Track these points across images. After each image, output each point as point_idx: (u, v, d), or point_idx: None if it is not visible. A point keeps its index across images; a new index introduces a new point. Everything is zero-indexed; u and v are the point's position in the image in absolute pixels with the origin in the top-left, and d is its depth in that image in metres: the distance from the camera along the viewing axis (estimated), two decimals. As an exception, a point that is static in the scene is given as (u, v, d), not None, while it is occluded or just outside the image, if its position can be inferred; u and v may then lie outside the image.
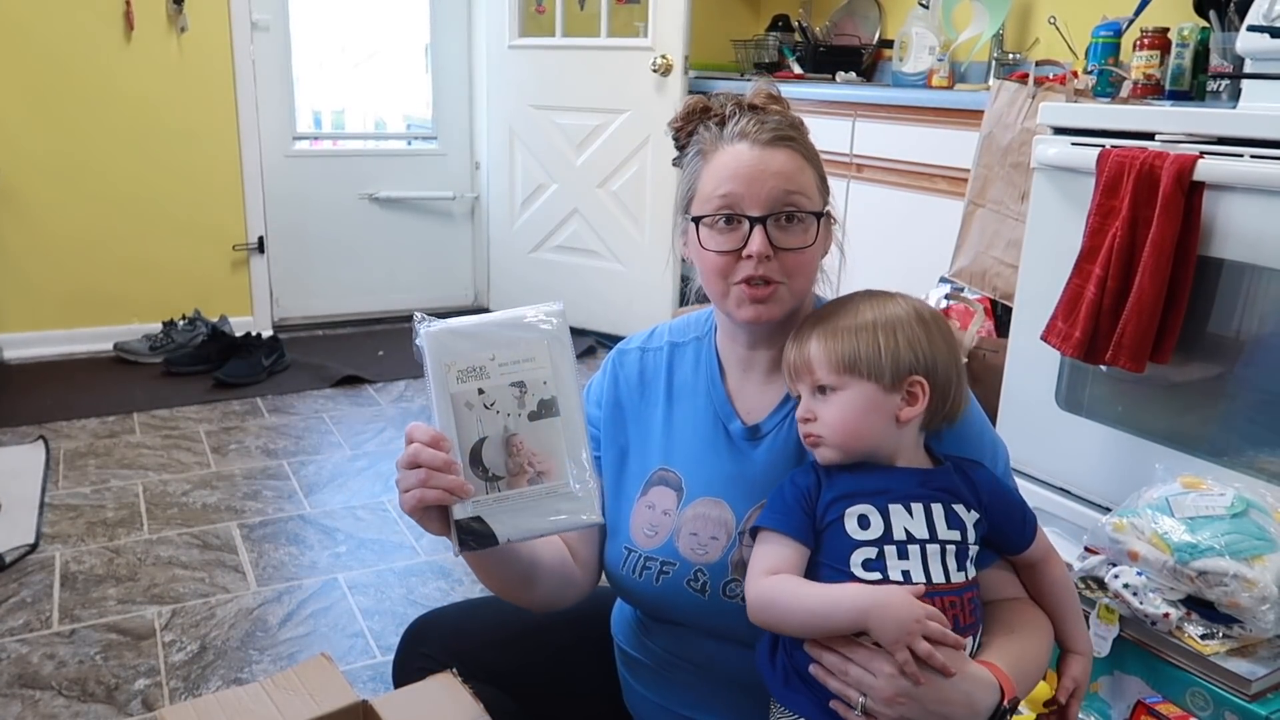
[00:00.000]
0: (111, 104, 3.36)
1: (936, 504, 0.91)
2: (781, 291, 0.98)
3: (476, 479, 0.86)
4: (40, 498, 2.32)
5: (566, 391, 0.89)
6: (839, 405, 0.92)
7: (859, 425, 0.91)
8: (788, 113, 1.02)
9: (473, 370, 0.86)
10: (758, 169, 0.97)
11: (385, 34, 4.17)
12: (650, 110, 3.55)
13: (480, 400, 0.86)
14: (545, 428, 0.87)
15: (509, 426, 0.87)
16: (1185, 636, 1.23)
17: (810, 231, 0.98)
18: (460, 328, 0.88)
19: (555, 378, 0.88)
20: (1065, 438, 1.84)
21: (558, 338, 0.89)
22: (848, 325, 0.93)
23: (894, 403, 0.92)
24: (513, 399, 0.87)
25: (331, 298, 4.03)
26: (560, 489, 0.87)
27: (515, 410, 0.87)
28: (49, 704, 1.60)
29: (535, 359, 0.88)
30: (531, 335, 0.88)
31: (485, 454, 0.86)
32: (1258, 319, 1.56)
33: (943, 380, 0.93)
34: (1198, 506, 1.30)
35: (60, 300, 3.43)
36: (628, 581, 1.05)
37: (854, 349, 0.92)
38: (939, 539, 0.89)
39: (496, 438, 0.87)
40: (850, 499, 0.91)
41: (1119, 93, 2.44)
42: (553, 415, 0.88)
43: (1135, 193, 1.60)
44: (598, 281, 3.85)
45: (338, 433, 2.84)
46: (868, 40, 3.63)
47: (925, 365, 0.92)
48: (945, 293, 2.43)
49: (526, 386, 0.87)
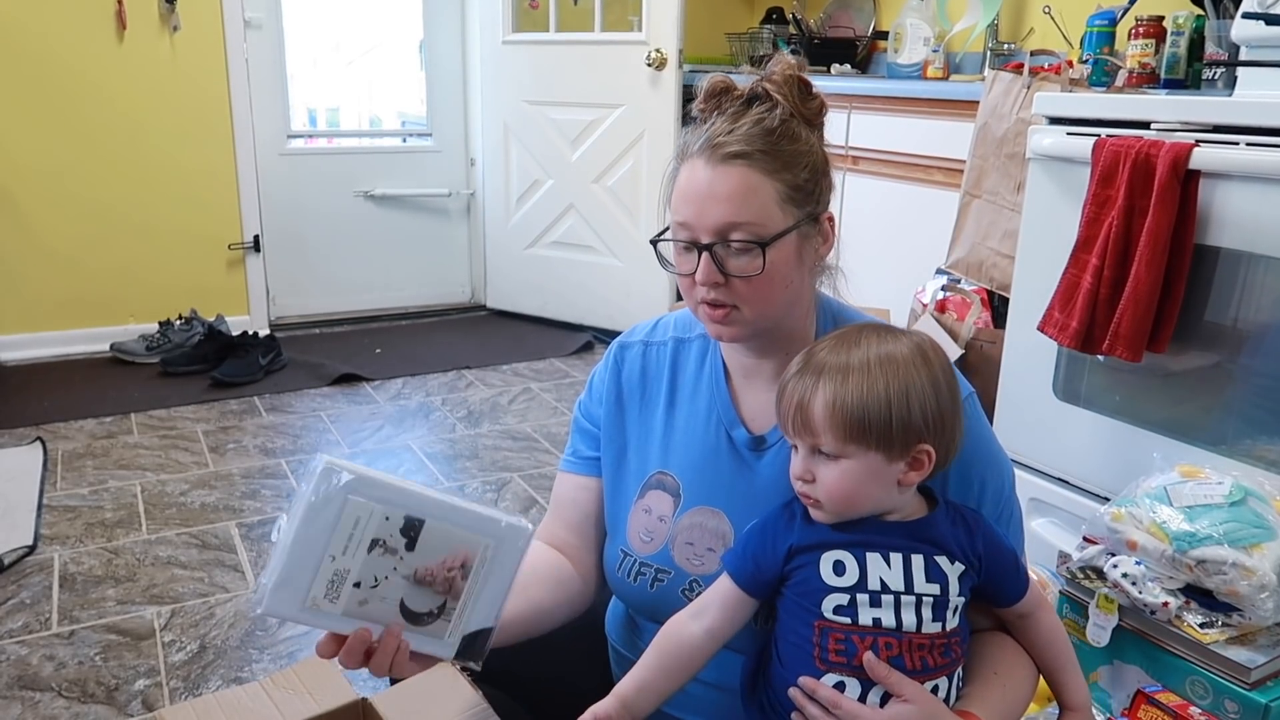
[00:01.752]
0: (104, 104, 3.35)
1: (917, 555, 0.87)
2: (736, 315, 0.94)
3: (431, 625, 0.84)
4: (38, 499, 2.32)
5: (400, 497, 0.81)
6: (840, 473, 0.86)
7: (859, 494, 0.87)
8: (774, 112, 0.94)
9: (330, 585, 0.79)
10: (706, 194, 0.92)
11: (379, 31, 4.16)
12: (645, 105, 3.55)
13: (363, 592, 0.80)
14: (428, 538, 0.82)
15: (405, 574, 0.81)
16: (1184, 625, 1.23)
17: (756, 261, 0.92)
18: (282, 573, 0.78)
19: (390, 501, 0.80)
20: (1063, 428, 1.84)
21: (353, 485, 0.78)
22: (857, 388, 0.85)
23: (898, 470, 0.87)
24: (384, 557, 0.80)
25: (328, 296, 4.03)
26: (486, 553, 0.84)
27: (394, 561, 0.81)
28: (49, 705, 1.60)
29: (363, 511, 0.79)
30: (330, 513, 0.78)
31: (413, 606, 0.82)
32: (1254, 307, 1.56)
33: (948, 439, 0.89)
34: (1196, 495, 1.30)
35: (56, 301, 3.42)
36: (623, 585, 1.04)
37: (863, 417, 0.85)
38: (915, 591, 0.86)
39: (409, 590, 0.82)
40: (826, 546, 0.88)
41: (1114, 82, 2.43)
42: (421, 523, 0.81)
43: (1131, 182, 1.59)
44: (594, 277, 3.85)
45: (335, 431, 2.83)
46: (862, 32, 3.62)
47: (934, 430, 0.87)
48: (942, 284, 2.43)
49: (380, 539, 0.80)
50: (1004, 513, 1.00)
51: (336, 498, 0.78)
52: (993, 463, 1.00)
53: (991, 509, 0.98)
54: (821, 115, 0.98)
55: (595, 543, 1.10)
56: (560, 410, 3.04)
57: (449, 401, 3.12)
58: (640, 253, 3.70)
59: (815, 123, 0.98)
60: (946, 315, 2.37)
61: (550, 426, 2.91)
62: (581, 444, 1.12)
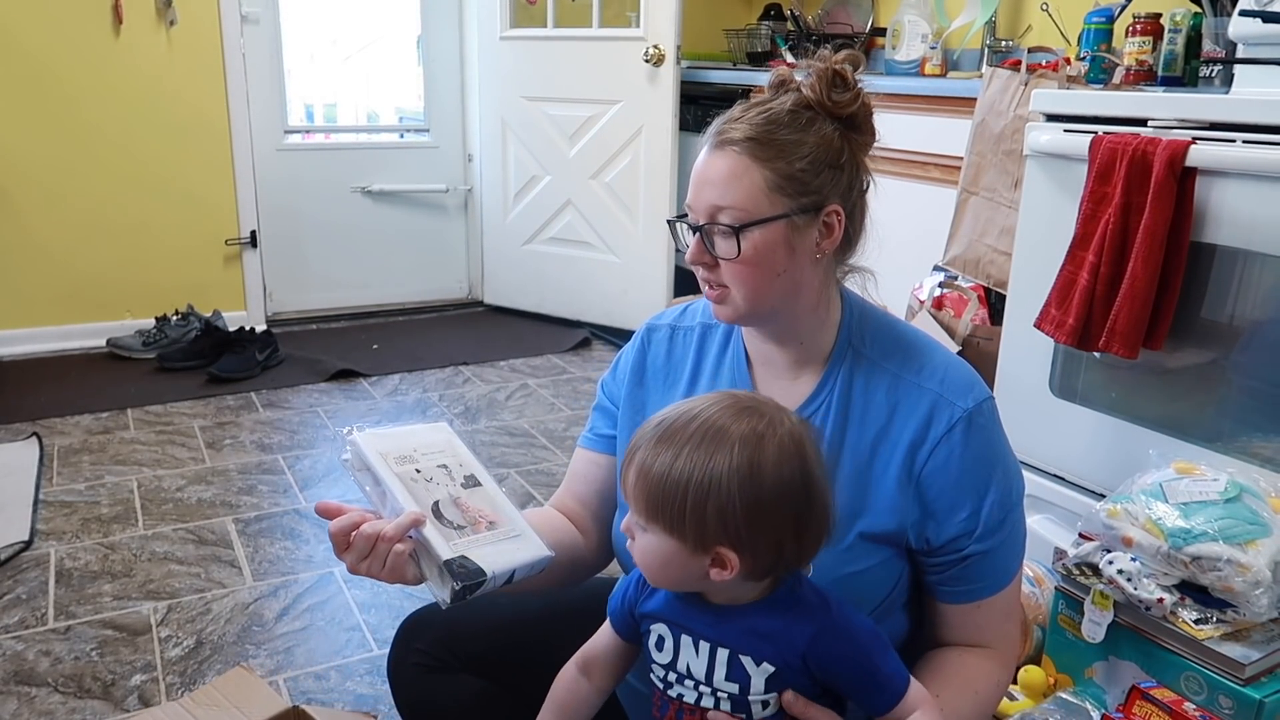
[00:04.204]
0: (101, 99, 3.34)
1: (723, 650, 0.85)
2: (730, 295, 0.98)
3: (446, 529, 0.92)
4: (34, 495, 2.31)
5: (481, 474, 1.00)
6: (644, 547, 0.84)
7: (661, 571, 0.85)
8: (784, 102, 0.96)
9: (404, 458, 0.96)
10: (702, 177, 0.97)
11: (376, 26, 4.15)
12: (642, 101, 3.54)
13: (420, 476, 0.96)
14: (478, 494, 0.98)
15: (451, 493, 0.96)
16: (1179, 621, 1.24)
17: (732, 244, 0.94)
18: (379, 432, 0.98)
19: (468, 463, 1.00)
20: (1059, 424, 1.84)
21: (453, 441, 1.02)
22: (663, 469, 0.81)
23: (701, 562, 0.82)
24: (444, 474, 0.97)
25: (325, 292, 4.02)
26: (513, 533, 0.95)
27: (449, 482, 0.97)
28: (45, 700, 1.60)
29: (445, 452, 1.00)
30: (434, 437, 1.01)
31: (444, 511, 0.93)
32: (1250, 304, 1.56)
33: (765, 548, 0.82)
34: (1191, 492, 1.30)
35: (52, 297, 3.41)
36: (631, 561, 1.06)
37: (658, 500, 0.81)
38: (713, 685, 0.86)
39: (447, 499, 0.95)
40: (656, 619, 0.90)
41: (1111, 79, 2.43)
42: (479, 486, 0.99)
43: (1128, 179, 1.59)
44: (592, 273, 3.84)
45: (332, 426, 2.83)
46: (860, 28, 3.62)
47: (733, 536, 0.80)
48: (939, 281, 2.43)
49: (449, 467, 0.99)
50: (996, 527, 0.99)
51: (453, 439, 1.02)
52: (992, 480, 0.99)
53: (985, 522, 0.98)
54: (848, 109, 0.98)
55: (603, 518, 1.15)
56: (557, 406, 3.04)
57: (446, 397, 3.12)
58: (638, 249, 3.70)
59: (840, 115, 0.98)
60: (943, 312, 2.37)
61: (547, 423, 2.91)
62: (600, 422, 1.17)
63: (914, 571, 1.04)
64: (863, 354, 1.03)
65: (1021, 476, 1.04)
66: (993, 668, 1.03)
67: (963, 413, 0.98)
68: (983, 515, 0.98)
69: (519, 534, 0.95)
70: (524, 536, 0.95)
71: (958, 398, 0.98)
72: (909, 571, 1.03)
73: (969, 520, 0.98)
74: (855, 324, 1.04)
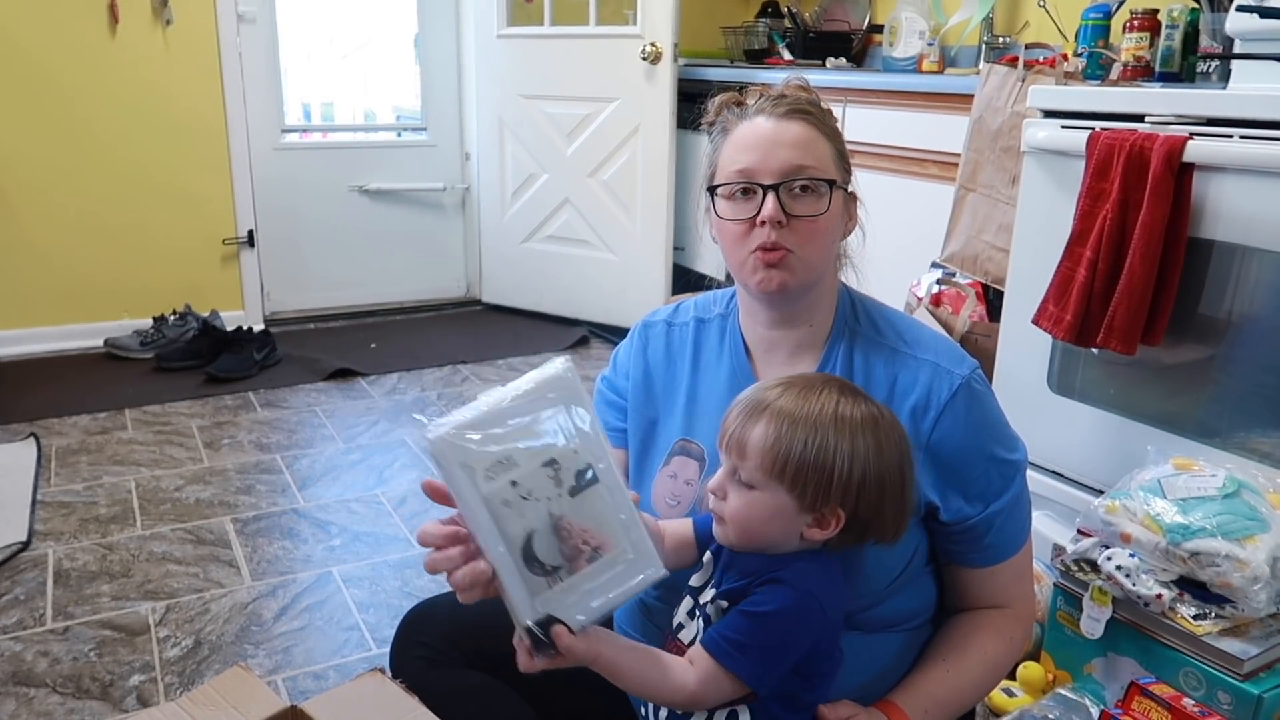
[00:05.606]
0: (97, 98, 3.33)
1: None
2: (793, 259, 1.00)
3: (536, 577, 0.80)
4: (32, 495, 2.31)
5: (597, 451, 0.83)
6: (751, 501, 0.91)
7: (764, 526, 0.91)
8: (811, 95, 1.05)
9: (499, 464, 0.78)
10: (772, 139, 1.00)
11: (373, 25, 4.14)
12: (640, 98, 3.54)
13: (515, 493, 0.79)
14: (589, 498, 0.82)
15: (553, 511, 0.80)
16: (1178, 617, 1.24)
17: (823, 200, 1.00)
18: (470, 421, 0.79)
19: (582, 441, 0.82)
20: (1057, 421, 1.84)
21: (570, 397, 0.83)
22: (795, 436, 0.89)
23: (803, 521, 0.91)
24: (548, 481, 0.80)
25: (323, 291, 4.02)
26: (620, 557, 0.83)
27: (554, 493, 0.80)
28: (44, 701, 1.60)
29: (557, 427, 0.82)
30: (545, 407, 0.81)
31: (538, 548, 0.80)
32: (1248, 300, 1.56)
33: (870, 511, 0.91)
34: (1189, 488, 1.30)
35: (50, 297, 3.41)
36: None
37: (785, 462, 0.88)
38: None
39: (544, 527, 0.80)
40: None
41: (1109, 75, 2.43)
42: (594, 484, 0.82)
43: (1125, 175, 1.59)
44: (590, 271, 3.84)
45: (330, 426, 2.83)
46: (857, 26, 3.62)
47: (852, 496, 0.90)
48: (937, 277, 2.43)
49: (558, 463, 0.81)
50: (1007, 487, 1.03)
51: (570, 392, 0.81)
52: (1000, 441, 1.04)
53: (998, 483, 1.03)
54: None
55: None
56: (556, 405, 3.04)
57: (444, 396, 3.12)
58: (636, 246, 3.69)
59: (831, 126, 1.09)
60: (941, 309, 2.37)
61: (546, 421, 2.90)
62: (608, 415, 1.19)
63: (930, 542, 1.06)
64: (858, 332, 1.08)
65: (1021, 439, 1.08)
66: (1009, 624, 1.07)
67: (962, 379, 1.02)
68: (994, 476, 1.02)
69: (630, 556, 0.83)
70: (635, 559, 0.84)
71: (954, 366, 1.03)
72: (925, 543, 1.05)
73: (983, 481, 1.02)
74: (849, 305, 1.10)
